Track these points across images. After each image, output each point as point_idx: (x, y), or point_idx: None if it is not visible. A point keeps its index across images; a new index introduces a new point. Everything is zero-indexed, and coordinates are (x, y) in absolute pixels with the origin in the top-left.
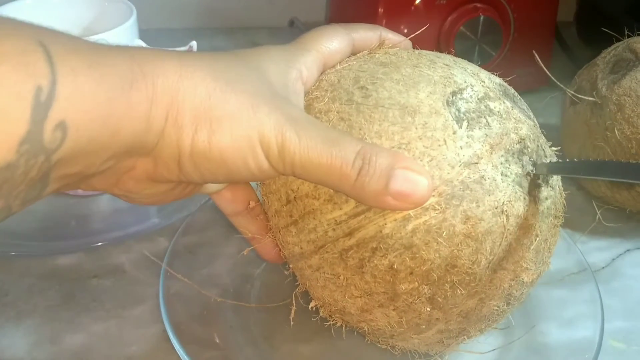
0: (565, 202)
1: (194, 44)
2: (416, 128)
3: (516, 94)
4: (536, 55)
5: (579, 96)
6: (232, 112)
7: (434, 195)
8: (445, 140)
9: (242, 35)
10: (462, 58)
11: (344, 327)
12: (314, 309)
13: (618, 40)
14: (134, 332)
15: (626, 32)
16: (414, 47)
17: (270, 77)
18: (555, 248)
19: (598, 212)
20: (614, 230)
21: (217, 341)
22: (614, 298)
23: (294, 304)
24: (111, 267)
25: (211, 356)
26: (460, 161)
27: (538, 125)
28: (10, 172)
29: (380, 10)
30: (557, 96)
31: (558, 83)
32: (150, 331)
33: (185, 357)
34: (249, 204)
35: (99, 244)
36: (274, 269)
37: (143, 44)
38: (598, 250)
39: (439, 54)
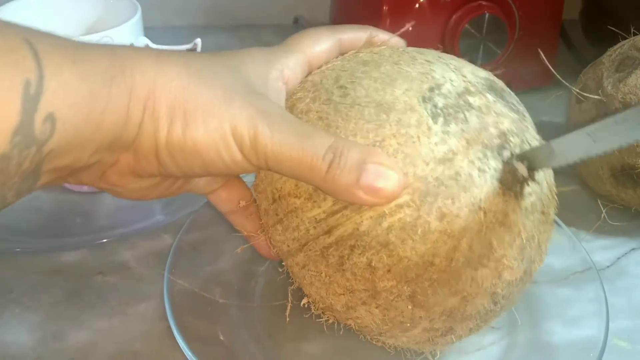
0: (557, 198)
1: (198, 41)
2: (390, 125)
3: (505, 87)
4: (541, 53)
5: (585, 94)
6: (205, 106)
7: (408, 193)
8: (419, 137)
9: (247, 33)
10: (467, 56)
11: (336, 324)
12: (306, 305)
13: (624, 38)
14: (139, 329)
15: (632, 30)
16: (417, 46)
17: (249, 75)
18: (560, 247)
19: (603, 211)
20: (619, 229)
21: (221, 338)
22: (619, 297)
23: (290, 301)
24: (116, 264)
25: (215, 353)
26: (434, 157)
27: (528, 118)
28: (5, 163)
29: (384, 7)
30: (563, 94)
31: (563, 81)
32: (154, 328)
33: (190, 354)
34: (239, 203)
35: (104, 240)
36: (278, 267)
37: (148, 42)
38: (603, 249)
39: (423, 50)
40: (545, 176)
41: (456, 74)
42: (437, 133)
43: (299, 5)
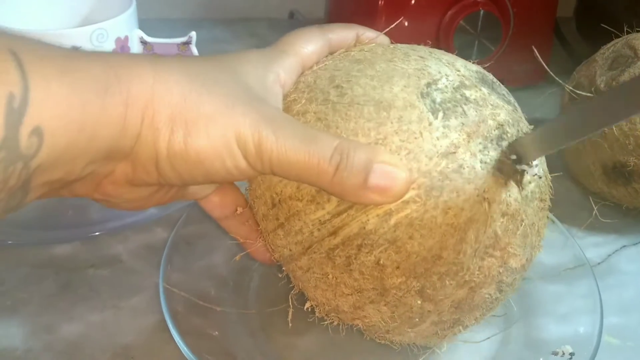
0: (552, 185)
1: (193, 34)
2: (391, 122)
3: (495, 80)
4: (535, 50)
5: (578, 92)
6: (208, 114)
7: (413, 188)
8: (421, 133)
9: (242, 27)
10: (462, 53)
11: (341, 325)
12: (309, 309)
13: (617, 36)
14: (131, 323)
15: (625, 29)
16: (413, 43)
17: (248, 79)
18: (553, 243)
19: (595, 208)
20: (610, 226)
21: (215, 332)
22: (610, 294)
23: (291, 306)
24: (108, 257)
25: (209, 346)
26: (437, 152)
27: (519, 108)
28: None
29: (380, 2)
30: (556, 92)
31: (557, 79)
32: (146, 321)
33: (184, 347)
34: (237, 210)
35: (96, 233)
36: (277, 272)
37: (142, 34)
38: (594, 246)
39: (414, 46)
40: (540, 164)
41: (450, 69)
42: (438, 128)
43: (294, 0)
